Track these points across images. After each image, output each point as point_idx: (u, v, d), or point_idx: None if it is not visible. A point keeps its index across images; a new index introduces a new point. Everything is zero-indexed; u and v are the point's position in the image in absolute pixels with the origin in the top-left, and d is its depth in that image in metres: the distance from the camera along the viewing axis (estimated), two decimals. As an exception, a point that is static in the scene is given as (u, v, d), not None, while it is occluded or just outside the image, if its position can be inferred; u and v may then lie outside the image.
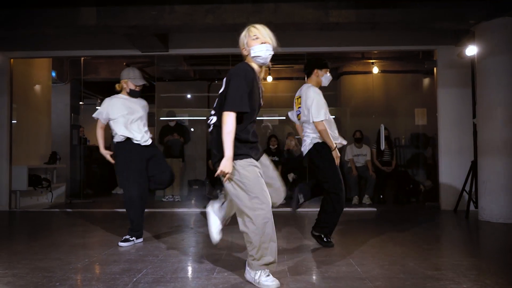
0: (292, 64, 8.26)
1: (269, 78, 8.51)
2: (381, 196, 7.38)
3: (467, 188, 5.82)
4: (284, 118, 8.21)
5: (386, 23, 5.29)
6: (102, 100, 11.42)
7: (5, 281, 2.72)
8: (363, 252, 3.51)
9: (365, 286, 2.57)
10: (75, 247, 3.78)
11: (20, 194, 6.80)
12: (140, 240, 3.97)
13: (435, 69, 6.56)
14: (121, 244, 3.80)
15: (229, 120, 2.50)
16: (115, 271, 2.96)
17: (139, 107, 4.05)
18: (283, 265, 3.07)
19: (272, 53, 2.67)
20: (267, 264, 2.54)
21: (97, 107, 11.57)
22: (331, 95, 8.86)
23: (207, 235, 3.66)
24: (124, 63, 8.13)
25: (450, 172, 6.29)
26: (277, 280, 2.54)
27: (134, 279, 2.75)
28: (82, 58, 7.95)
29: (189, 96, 9.23)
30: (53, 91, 8.23)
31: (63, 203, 7.62)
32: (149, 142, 3.99)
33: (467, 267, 2.98)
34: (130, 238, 3.88)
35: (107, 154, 4.00)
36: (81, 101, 10.03)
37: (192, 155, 8.57)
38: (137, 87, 4.03)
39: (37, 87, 7.60)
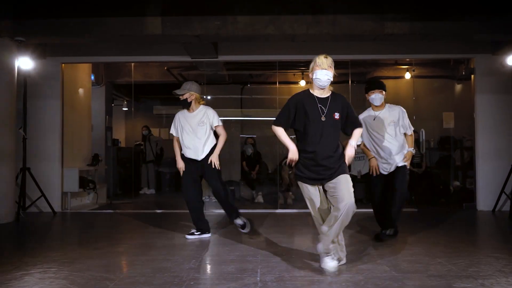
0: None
1: (302, 82, 8.78)
2: (412, 198, 7.68)
3: (507, 190, 6.16)
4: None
5: (436, 34, 5.59)
6: (128, 101, 11.65)
7: (151, 281, 2.95)
8: (443, 252, 3.80)
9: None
10: (168, 249, 4.02)
11: (70, 195, 7.00)
12: (208, 235, 4.51)
13: (472, 76, 6.87)
14: (188, 236, 4.43)
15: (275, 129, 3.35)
16: (232, 271, 3.20)
17: None
18: (381, 265, 3.35)
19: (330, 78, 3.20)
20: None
21: (123, 109, 11.82)
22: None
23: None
24: (165, 68, 8.33)
25: (488, 174, 6.61)
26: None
27: (258, 278, 3.00)
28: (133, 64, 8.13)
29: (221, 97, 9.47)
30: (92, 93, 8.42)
31: (105, 203, 7.83)
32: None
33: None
34: (196, 232, 4.47)
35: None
36: (112, 103, 10.24)
37: (225, 156, 8.80)
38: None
39: (81, 91, 7.78)
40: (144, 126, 10.18)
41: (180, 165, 4.43)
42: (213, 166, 4.37)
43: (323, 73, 3.15)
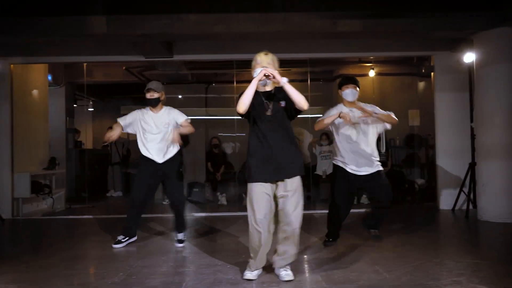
0: (290, 67, 8.39)
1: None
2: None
3: (465, 189, 6.11)
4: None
5: (389, 32, 5.49)
6: (94, 101, 11.38)
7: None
8: (385, 258, 3.69)
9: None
10: (101, 260, 3.83)
11: (22, 201, 6.74)
12: (134, 238, 4.39)
13: (432, 73, 6.80)
14: (115, 246, 4.20)
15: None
16: (156, 285, 3.04)
17: None
18: (316, 274, 3.22)
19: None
20: None
21: (89, 109, 11.53)
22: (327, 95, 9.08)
23: (209, 241, 3.79)
24: (124, 68, 8.10)
25: (447, 173, 6.56)
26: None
27: (179, 293, 2.84)
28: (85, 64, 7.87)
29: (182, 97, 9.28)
30: (49, 94, 8.14)
31: (63, 208, 7.58)
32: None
33: (482, 267, 3.19)
34: (123, 239, 4.27)
35: None
36: (74, 104, 9.96)
37: (190, 157, 8.63)
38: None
39: (35, 92, 7.51)
40: (110, 127, 9.91)
41: (110, 133, 4.24)
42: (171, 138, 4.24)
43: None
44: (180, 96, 9.12)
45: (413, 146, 8.47)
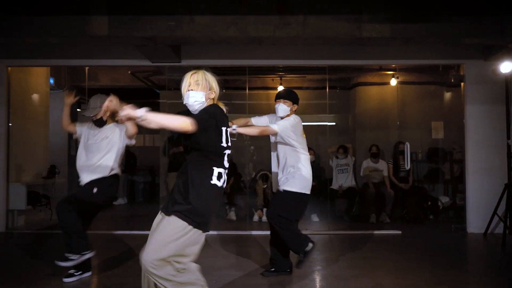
0: (305, 74, 7.91)
1: (281, 88, 8.14)
2: (404, 212, 7.04)
3: (499, 211, 5.54)
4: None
5: (420, 37, 4.95)
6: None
7: None
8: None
9: None
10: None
11: (17, 213, 6.31)
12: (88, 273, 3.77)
13: (462, 84, 6.23)
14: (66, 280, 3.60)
15: None
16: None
17: None
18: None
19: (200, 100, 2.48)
20: None
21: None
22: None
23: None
24: (129, 72, 7.67)
25: (479, 193, 5.98)
26: None
27: None
28: (87, 68, 7.45)
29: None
30: (50, 98, 7.74)
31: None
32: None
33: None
34: (76, 273, 3.67)
35: None
36: (78, 108, 9.55)
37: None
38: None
39: (35, 96, 7.10)
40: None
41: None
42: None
43: (188, 96, 2.47)
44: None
45: (436, 160, 7.90)
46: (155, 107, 9.22)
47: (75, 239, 3.60)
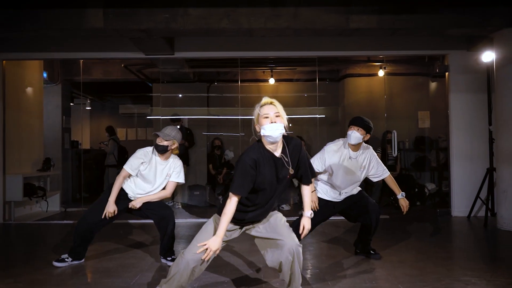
0: (296, 66, 8.07)
1: (271, 80, 8.30)
2: (392, 198, 7.27)
3: (482, 195, 5.79)
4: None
5: (406, 29, 5.15)
6: (92, 100, 11.02)
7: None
8: (408, 276, 3.36)
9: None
10: (96, 274, 3.50)
11: (14, 205, 6.41)
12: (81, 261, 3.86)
13: (446, 73, 6.46)
14: (57, 264, 3.71)
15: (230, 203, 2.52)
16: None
17: None
18: (335, 295, 2.89)
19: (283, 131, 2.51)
20: None
21: (87, 108, 11.17)
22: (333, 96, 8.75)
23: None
24: (123, 65, 7.76)
25: (462, 178, 6.23)
26: None
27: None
28: (81, 61, 7.52)
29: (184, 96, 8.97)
30: (44, 92, 7.80)
31: (58, 211, 7.24)
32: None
33: None
34: (67, 259, 3.78)
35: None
36: (71, 102, 9.62)
37: (191, 159, 8.29)
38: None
39: (29, 90, 7.17)
40: (109, 126, 9.56)
41: (112, 209, 3.65)
42: (129, 206, 3.78)
43: (272, 128, 2.47)
44: (180, 95, 8.80)
45: (423, 149, 8.15)
46: (148, 100, 9.34)
47: (83, 247, 3.81)
